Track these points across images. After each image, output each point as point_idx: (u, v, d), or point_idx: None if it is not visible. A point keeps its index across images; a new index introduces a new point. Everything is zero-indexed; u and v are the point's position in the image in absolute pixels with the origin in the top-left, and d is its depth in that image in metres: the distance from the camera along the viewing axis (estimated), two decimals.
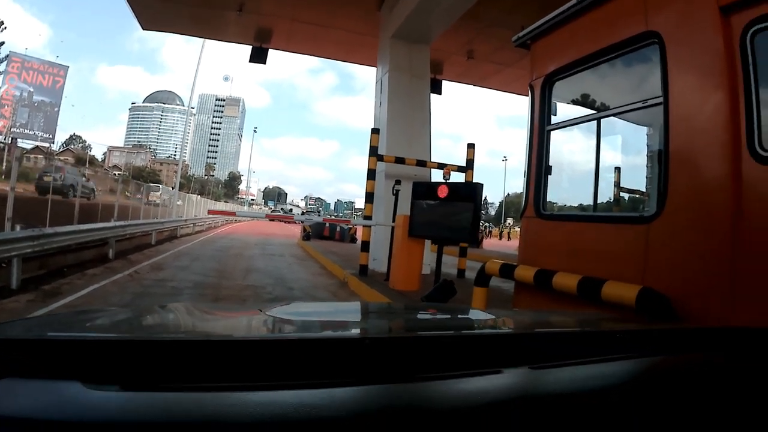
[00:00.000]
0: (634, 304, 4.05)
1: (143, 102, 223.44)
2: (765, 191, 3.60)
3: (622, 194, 5.91)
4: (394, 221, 11.96)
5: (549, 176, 5.88)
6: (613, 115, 5.34)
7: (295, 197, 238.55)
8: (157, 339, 1.24)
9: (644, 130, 5.50)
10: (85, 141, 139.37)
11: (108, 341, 1.15)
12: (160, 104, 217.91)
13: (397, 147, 14.36)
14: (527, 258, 5.89)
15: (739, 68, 3.80)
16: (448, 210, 9.88)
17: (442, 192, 9.98)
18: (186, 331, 1.65)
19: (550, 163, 5.89)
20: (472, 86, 24.05)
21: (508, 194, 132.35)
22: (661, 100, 4.42)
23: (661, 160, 4.40)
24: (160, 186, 36.70)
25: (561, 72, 5.80)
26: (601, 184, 5.55)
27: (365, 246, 13.83)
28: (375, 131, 13.76)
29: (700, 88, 4.18)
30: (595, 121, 5.51)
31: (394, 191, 12.57)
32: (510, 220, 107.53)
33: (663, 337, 1.68)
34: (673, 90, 4.32)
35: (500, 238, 59.76)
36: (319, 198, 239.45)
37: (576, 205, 6.10)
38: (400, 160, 13.56)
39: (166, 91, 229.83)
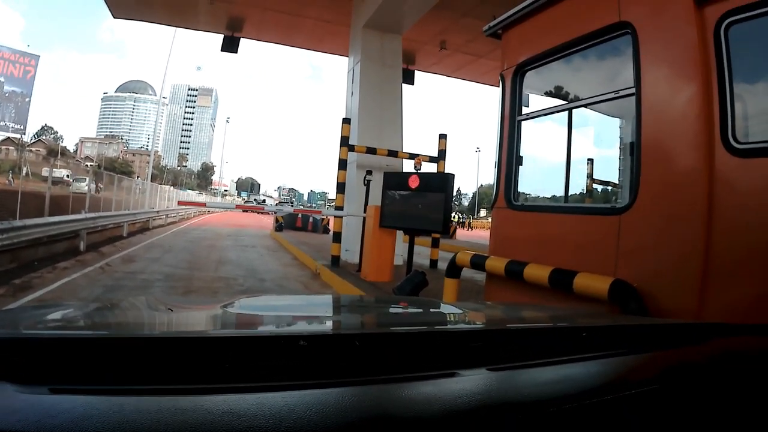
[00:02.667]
0: (607, 296, 4.04)
1: (115, 92, 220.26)
2: (738, 184, 3.60)
3: (595, 186, 5.89)
4: (365, 212, 11.89)
5: (520, 167, 5.86)
6: (585, 105, 5.32)
7: (269, 188, 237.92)
8: (91, 336, 1.15)
9: (617, 121, 5.48)
10: (57, 132, 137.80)
11: (38, 339, 1.06)
12: (132, 94, 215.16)
13: (368, 137, 14.28)
14: (498, 249, 5.86)
15: (712, 60, 3.78)
16: (419, 200, 9.87)
17: (414, 182, 9.96)
18: (136, 327, 1.57)
19: (521, 154, 5.86)
20: (445, 77, 24.06)
21: (482, 185, 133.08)
22: (633, 91, 4.40)
23: (633, 151, 4.38)
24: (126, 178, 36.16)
25: (532, 62, 5.76)
26: (573, 176, 5.53)
27: (337, 237, 13.75)
28: (346, 121, 13.66)
29: (673, 80, 4.17)
30: (566, 112, 5.49)
31: (366, 181, 12.50)
32: (483, 211, 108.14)
33: (634, 333, 1.63)
34: (645, 81, 4.30)
35: (467, 228, 59.67)
36: (292, 189, 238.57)
37: (548, 196, 6.08)
38: (371, 150, 13.48)
39: (138, 80, 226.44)
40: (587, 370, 1.23)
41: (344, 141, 13.29)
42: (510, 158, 5.88)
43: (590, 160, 5.85)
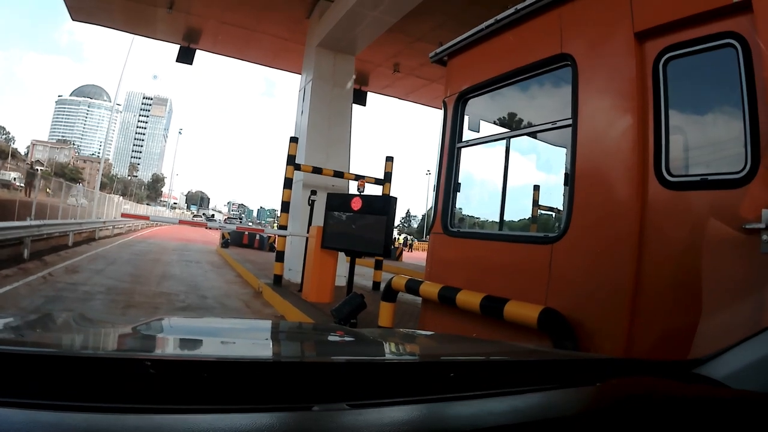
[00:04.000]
0: (536, 324, 4.04)
1: (70, 95, 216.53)
2: (670, 216, 3.65)
3: (540, 212, 5.94)
4: (308, 232, 11.80)
5: (458, 193, 5.88)
6: (524, 134, 5.37)
7: (218, 203, 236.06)
8: None
9: (563, 150, 5.55)
10: (9, 132, 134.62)
11: None
12: (87, 99, 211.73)
13: (316, 157, 14.23)
14: (434, 274, 5.86)
15: (649, 93, 3.86)
16: (361, 222, 9.83)
17: (356, 204, 9.91)
18: (37, 342, 1.49)
19: (459, 181, 5.88)
20: (398, 100, 24.23)
21: (431, 207, 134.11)
22: (570, 122, 4.44)
23: (567, 181, 4.42)
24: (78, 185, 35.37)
25: (475, 90, 5.81)
26: (514, 202, 5.57)
27: (280, 256, 13.56)
28: (294, 140, 13.53)
29: (610, 112, 4.24)
30: (505, 141, 5.52)
31: (310, 201, 12.40)
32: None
33: (509, 369, 1.58)
34: (582, 112, 4.36)
35: (410, 251, 59.79)
36: (242, 204, 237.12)
37: (485, 221, 6.10)
38: (317, 170, 13.38)
39: (94, 85, 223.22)
40: (474, 409, 1.17)
41: (291, 160, 13.15)
42: (448, 184, 5.90)
43: (537, 187, 5.91)
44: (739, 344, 1.54)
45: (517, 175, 5.56)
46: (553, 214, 5.85)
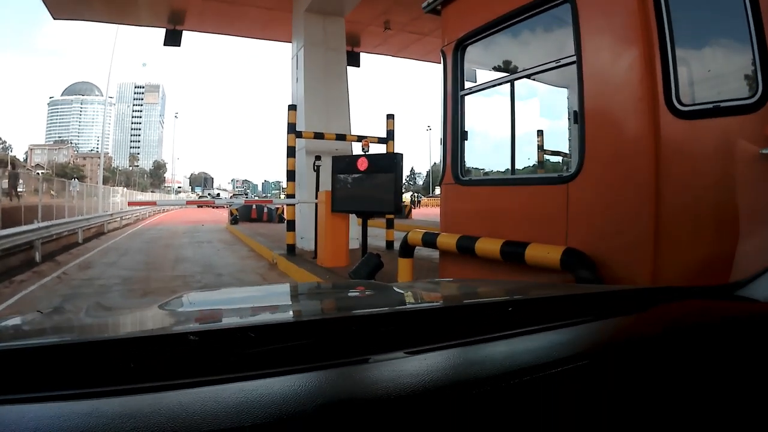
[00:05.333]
0: (559, 265, 4.02)
1: (61, 95, 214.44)
2: (684, 145, 3.61)
3: (546, 156, 5.89)
4: (317, 198, 11.79)
5: (466, 141, 5.83)
6: (527, 76, 5.29)
7: (222, 181, 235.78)
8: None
9: (565, 91, 5.47)
10: (5, 141, 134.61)
11: None
12: (78, 96, 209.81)
13: (316, 122, 14.13)
14: (449, 225, 5.84)
15: (653, 23, 3.77)
16: (369, 182, 9.84)
17: (362, 165, 9.91)
18: (49, 335, 1.47)
19: (466, 129, 5.83)
20: (391, 57, 23.94)
21: (435, 163, 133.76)
22: (574, 59, 4.37)
23: (577, 120, 4.36)
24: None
25: (473, 36, 5.71)
26: (521, 147, 5.52)
27: (291, 225, 13.60)
28: (292, 108, 13.47)
29: (614, 46, 4.16)
30: (509, 84, 5.46)
31: (315, 167, 12.37)
32: (438, 189, 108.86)
33: (564, 304, 1.56)
34: (586, 48, 4.28)
35: (418, 207, 59.68)
36: (246, 180, 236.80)
37: (497, 170, 6.06)
38: (319, 136, 13.32)
39: (84, 82, 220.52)
40: (512, 347, 1.16)
41: (291, 128, 13.13)
42: (455, 134, 5.84)
43: (540, 132, 5.86)
44: None
45: (522, 121, 5.51)
46: (561, 158, 5.81)
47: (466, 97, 5.86)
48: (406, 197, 56.99)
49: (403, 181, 13.15)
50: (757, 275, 1.57)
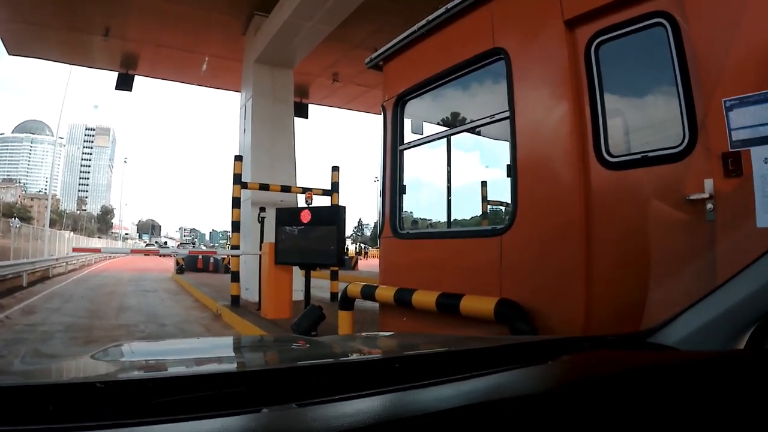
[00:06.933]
0: (493, 316, 4.04)
1: (12, 132, 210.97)
2: (614, 196, 3.71)
3: (491, 207, 5.97)
4: (261, 249, 11.71)
5: (404, 195, 5.89)
6: (464, 131, 5.40)
7: (170, 229, 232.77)
8: None
9: (507, 144, 5.60)
10: None
11: None
12: (29, 135, 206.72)
13: (262, 173, 14.17)
14: (388, 278, 5.85)
15: (583, 78, 3.93)
16: (312, 234, 9.79)
17: (305, 217, 9.88)
18: None
19: (404, 183, 5.89)
20: (339, 109, 24.32)
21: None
22: (507, 114, 4.48)
23: (509, 173, 4.46)
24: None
25: (412, 91, 5.83)
26: (466, 199, 5.60)
27: (235, 276, 13.44)
28: (238, 158, 13.43)
29: (546, 100, 4.30)
30: (446, 139, 5.56)
31: (260, 219, 12.31)
32: None
33: (455, 359, 1.58)
34: (518, 104, 4.41)
35: (365, 258, 59.70)
36: (194, 229, 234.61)
37: (434, 222, 6.12)
38: (264, 187, 13.33)
39: (35, 120, 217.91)
40: (396, 401, 1.17)
41: (237, 179, 13.08)
42: (393, 187, 5.91)
43: (484, 183, 5.94)
44: (687, 309, 1.57)
45: (464, 173, 5.60)
46: (503, 208, 5.90)
47: (406, 151, 5.94)
48: (353, 249, 56.94)
49: (351, 232, 13.19)
50: (668, 321, 1.61)
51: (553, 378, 1.38)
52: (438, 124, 6.06)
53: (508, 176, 4.52)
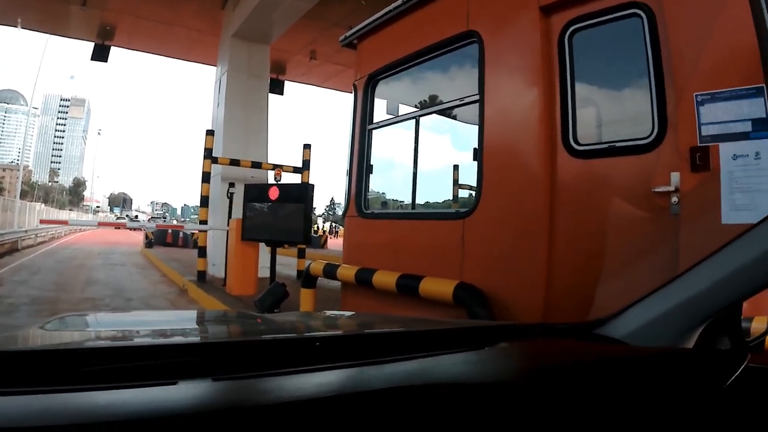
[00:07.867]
0: (452, 299, 4.04)
1: None
2: (579, 184, 3.71)
3: (462, 191, 5.96)
4: (228, 225, 11.67)
5: (371, 175, 5.87)
6: (433, 113, 5.38)
7: (142, 203, 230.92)
8: None
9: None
10: None
11: None
12: (3, 104, 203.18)
13: (233, 149, 14.07)
14: (351, 257, 5.84)
15: (555, 66, 3.92)
16: (279, 212, 9.76)
17: (273, 194, 9.83)
18: None
19: (372, 162, 5.87)
20: (316, 87, 24.19)
21: None
22: (477, 98, 4.46)
23: (476, 157, 4.45)
24: None
25: (384, 71, 5.79)
26: (430, 183, 5.59)
27: (202, 252, 13.38)
28: (210, 133, 13.30)
29: (516, 86, 4.28)
30: (415, 120, 5.53)
31: (229, 194, 12.25)
32: None
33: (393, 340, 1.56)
34: (488, 88, 4.38)
35: (335, 237, 59.74)
36: (165, 203, 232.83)
37: (401, 205, 6.12)
38: (235, 162, 13.24)
39: (9, 90, 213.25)
40: (317, 380, 1.14)
41: (208, 153, 12.97)
42: (360, 167, 5.88)
43: (456, 167, 5.93)
44: (637, 303, 1.55)
45: (437, 156, 5.59)
46: (473, 192, 5.92)
47: (375, 131, 5.91)
48: (325, 227, 56.86)
49: (322, 210, 13.14)
50: (617, 313, 1.59)
51: (485, 364, 1.36)
52: (410, 105, 6.03)
53: (474, 159, 4.51)
